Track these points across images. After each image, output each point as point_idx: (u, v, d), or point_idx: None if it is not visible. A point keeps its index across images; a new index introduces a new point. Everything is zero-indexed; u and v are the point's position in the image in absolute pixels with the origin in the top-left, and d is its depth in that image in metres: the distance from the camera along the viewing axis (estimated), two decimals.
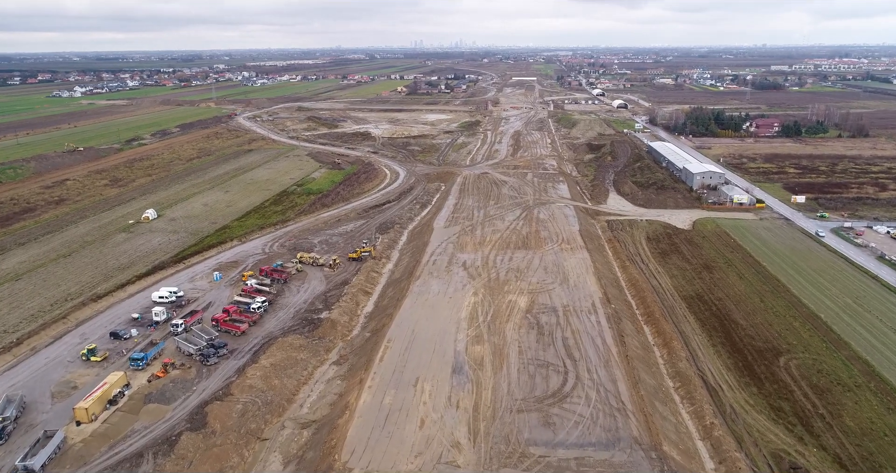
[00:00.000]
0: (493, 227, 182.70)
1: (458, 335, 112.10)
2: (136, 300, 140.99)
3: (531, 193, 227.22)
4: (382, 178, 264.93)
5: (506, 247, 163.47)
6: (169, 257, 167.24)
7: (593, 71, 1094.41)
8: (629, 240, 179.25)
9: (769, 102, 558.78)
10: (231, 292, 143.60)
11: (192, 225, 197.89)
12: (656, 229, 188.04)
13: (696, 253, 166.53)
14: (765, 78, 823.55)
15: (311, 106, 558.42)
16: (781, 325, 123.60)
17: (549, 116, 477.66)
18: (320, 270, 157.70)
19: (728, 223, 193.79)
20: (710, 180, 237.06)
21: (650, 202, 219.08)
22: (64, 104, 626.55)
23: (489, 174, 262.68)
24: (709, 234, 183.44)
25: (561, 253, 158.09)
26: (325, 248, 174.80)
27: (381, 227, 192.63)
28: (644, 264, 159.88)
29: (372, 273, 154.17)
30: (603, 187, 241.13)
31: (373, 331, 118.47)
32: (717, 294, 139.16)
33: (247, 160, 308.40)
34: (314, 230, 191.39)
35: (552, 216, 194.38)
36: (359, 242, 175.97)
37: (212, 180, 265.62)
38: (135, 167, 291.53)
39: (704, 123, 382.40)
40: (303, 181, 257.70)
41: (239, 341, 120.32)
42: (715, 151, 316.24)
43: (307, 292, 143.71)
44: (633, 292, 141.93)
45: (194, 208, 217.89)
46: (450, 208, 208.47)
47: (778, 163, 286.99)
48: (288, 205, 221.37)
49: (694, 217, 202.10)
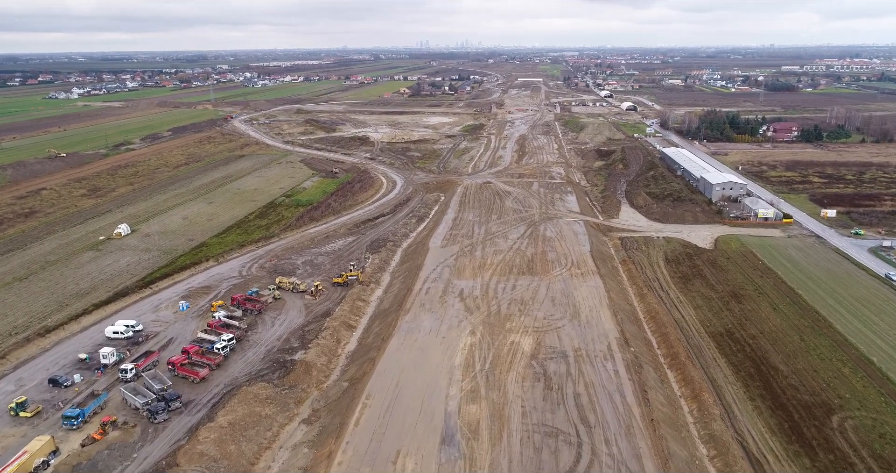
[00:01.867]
0: (495, 246, 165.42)
1: (451, 390, 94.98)
2: (89, 334, 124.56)
3: (537, 206, 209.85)
4: (378, 187, 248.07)
5: (508, 272, 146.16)
6: (135, 281, 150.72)
7: (600, 72, 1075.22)
8: (646, 261, 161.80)
9: (783, 105, 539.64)
10: (197, 326, 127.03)
11: (167, 242, 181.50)
12: (675, 249, 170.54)
13: (722, 278, 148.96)
14: (776, 79, 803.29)
15: (310, 108, 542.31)
16: (829, 372, 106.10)
17: (556, 119, 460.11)
18: (301, 297, 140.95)
19: (754, 241, 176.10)
20: (731, 191, 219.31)
21: (666, 216, 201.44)
22: (59, 106, 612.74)
23: (492, 184, 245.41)
24: (733, 254, 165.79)
25: (570, 280, 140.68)
26: (309, 270, 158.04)
27: (372, 245, 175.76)
28: (664, 292, 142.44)
29: (358, 302, 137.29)
30: (614, 199, 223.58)
31: (351, 380, 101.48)
32: (750, 330, 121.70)
33: (236, 167, 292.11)
34: (299, 249, 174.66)
35: (560, 234, 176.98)
36: (346, 264, 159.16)
37: (197, 189, 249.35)
38: (117, 175, 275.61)
39: (719, 127, 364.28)
40: (292, 191, 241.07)
41: (197, 389, 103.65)
42: (732, 158, 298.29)
43: (283, 326, 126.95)
44: (653, 326, 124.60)
45: (173, 222, 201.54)
46: (448, 223, 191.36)
47: (801, 171, 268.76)
48: (273, 219, 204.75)
49: (715, 234, 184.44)
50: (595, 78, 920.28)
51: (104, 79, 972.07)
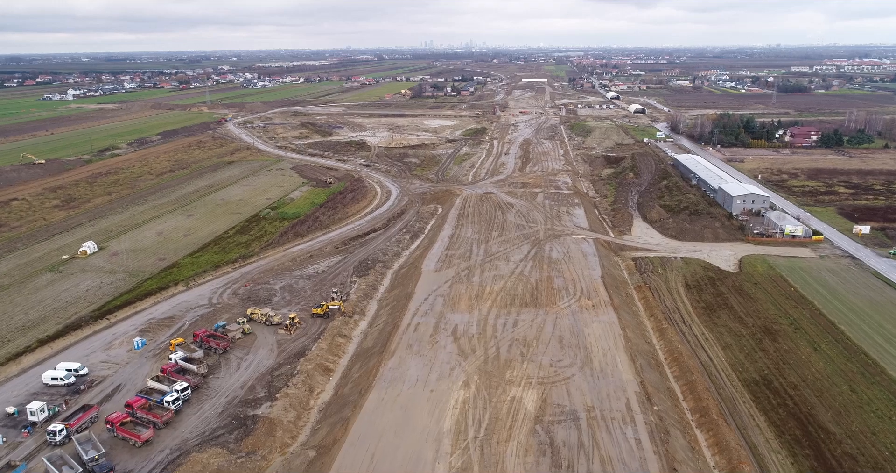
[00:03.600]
0: (496, 271, 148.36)
1: (438, 466, 78.16)
2: (26, 379, 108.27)
3: (542, 220, 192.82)
4: (371, 198, 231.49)
5: (510, 303, 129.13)
6: (91, 310, 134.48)
7: (606, 72, 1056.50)
8: (663, 288, 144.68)
9: (797, 107, 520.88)
10: (151, 369, 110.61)
11: (136, 262, 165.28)
12: (695, 272, 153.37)
13: (751, 308, 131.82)
14: (787, 80, 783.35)
15: (307, 111, 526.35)
16: (891, 435, 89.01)
17: (561, 122, 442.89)
18: (274, 332, 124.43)
19: (782, 264, 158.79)
20: (753, 204, 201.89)
21: (683, 233, 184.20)
22: (53, 108, 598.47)
23: (493, 195, 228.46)
24: (761, 279, 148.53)
25: (580, 313, 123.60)
26: (287, 297, 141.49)
27: (359, 267, 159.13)
28: (686, 326, 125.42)
29: (338, 339, 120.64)
30: (626, 212, 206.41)
31: (320, 449, 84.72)
32: (790, 377, 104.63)
33: (223, 175, 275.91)
34: (279, 271, 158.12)
35: (568, 255, 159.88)
36: (328, 290, 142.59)
37: (178, 199, 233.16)
38: (96, 184, 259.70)
39: (733, 131, 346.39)
40: (279, 203, 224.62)
41: (138, 456, 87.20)
42: (749, 166, 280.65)
43: (249, 369, 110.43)
44: (677, 372, 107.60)
45: (145, 239, 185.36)
46: (444, 241, 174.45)
47: (824, 180, 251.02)
48: (255, 234, 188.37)
49: (739, 253, 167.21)
50: (601, 79, 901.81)
51: (103, 80, 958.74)
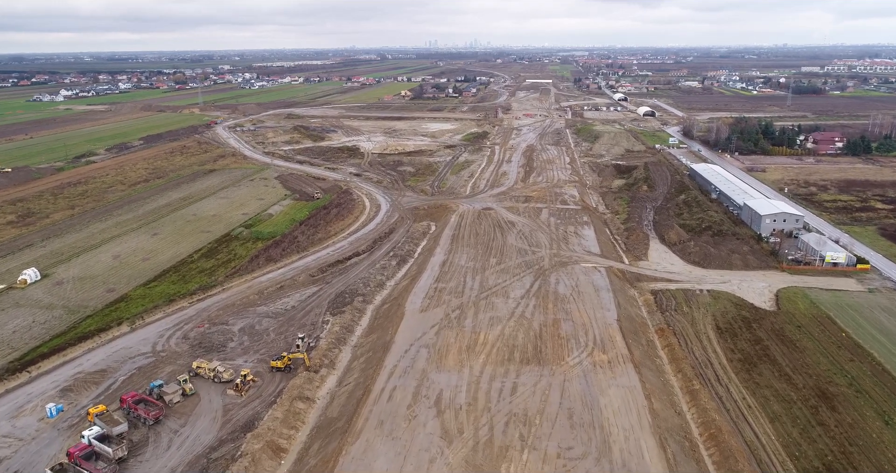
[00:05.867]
0: (492, 311, 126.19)
1: None
2: None
3: (547, 243, 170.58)
4: (358, 214, 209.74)
5: (508, 358, 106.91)
6: (11, 359, 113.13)
7: (612, 73, 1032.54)
8: (690, 331, 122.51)
9: (813, 110, 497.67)
10: (60, 448, 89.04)
11: (81, 294, 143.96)
12: (726, 310, 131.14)
13: (798, 362, 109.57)
14: (799, 81, 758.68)
15: (303, 113, 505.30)
16: None
17: (567, 125, 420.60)
18: (222, 392, 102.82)
19: (826, 299, 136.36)
20: (785, 224, 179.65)
21: (708, 259, 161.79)
22: (40, 110, 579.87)
23: (493, 211, 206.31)
24: (805, 320, 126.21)
25: (594, 373, 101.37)
26: (246, 343, 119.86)
27: (335, 302, 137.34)
28: (722, 386, 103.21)
29: (298, 404, 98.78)
30: (641, 232, 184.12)
31: None
32: (863, 468, 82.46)
33: (202, 186, 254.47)
34: (241, 307, 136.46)
35: (577, 289, 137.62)
36: (295, 334, 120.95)
37: (146, 214, 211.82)
38: (61, 196, 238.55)
39: (752, 137, 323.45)
40: (256, 219, 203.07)
41: None
42: (772, 176, 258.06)
43: (182, 449, 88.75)
44: (718, 457, 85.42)
45: (99, 263, 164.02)
46: (434, 269, 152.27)
47: (857, 193, 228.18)
48: (223, 258, 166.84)
49: (773, 285, 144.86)
50: (607, 79, 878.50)
51: (99, 80, 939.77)
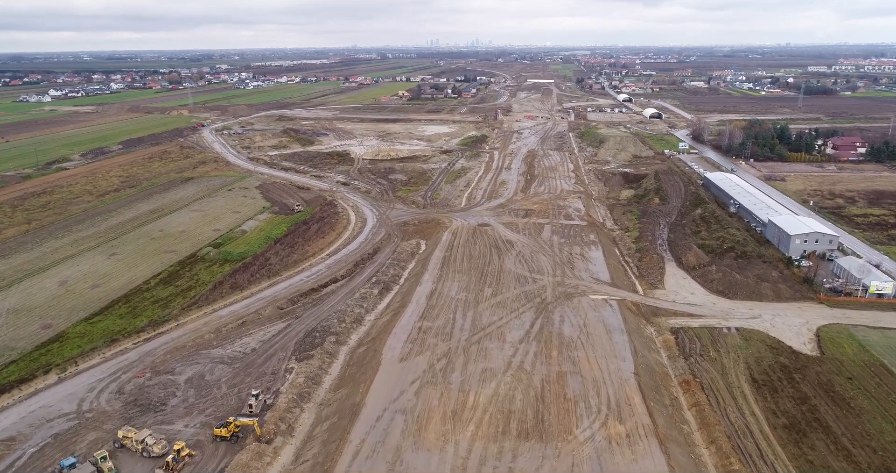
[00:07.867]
0: (485, 361, 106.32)
1: None
2: None
3: (550, 269, 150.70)
4: (341, 230, 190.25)
5: (503, 430, 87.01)
6: None
7: (615, 72, 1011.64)
8: (721, 386, 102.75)
9: (826, 111, 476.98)
10: None
11: (11, 331, 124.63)
12: (760, 355, 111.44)
13: (856, 430, 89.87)
14: (808, 81, 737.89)
15: (294, 114, 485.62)
16: None
17: (570, 128, 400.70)
18: (150, 471, 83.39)
19: (877, 341, 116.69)
20: (817, 245, 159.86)
21: (733, 287, 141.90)
22: (25, 111, 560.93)
23: (489, 228, 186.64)
24: (856, 370, 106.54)
25: (609, 453, 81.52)
26: (191, 399, 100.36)
27: (303, 343, 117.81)
28: (768, 466, 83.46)
29: None
30: (655, 254, 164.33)
31: None
32: None
33: (175, 196, 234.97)
34: (193, 349, 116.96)
35: (585, 330, 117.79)
36: (250, 387, 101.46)
37: (108, 230, 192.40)
38: (21, 207, 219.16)
39: (767, 142, 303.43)
40: (227, 237, 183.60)
41: None
42: (793, 186, 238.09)
43: None
44: None
45: (42, 291, 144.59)
46: (420, 302, 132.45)
47: (889, 206, 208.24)
48: (183, 285, 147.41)
49: (812, 321, 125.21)
50: (610, 79, 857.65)
51: (92, 80, 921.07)
